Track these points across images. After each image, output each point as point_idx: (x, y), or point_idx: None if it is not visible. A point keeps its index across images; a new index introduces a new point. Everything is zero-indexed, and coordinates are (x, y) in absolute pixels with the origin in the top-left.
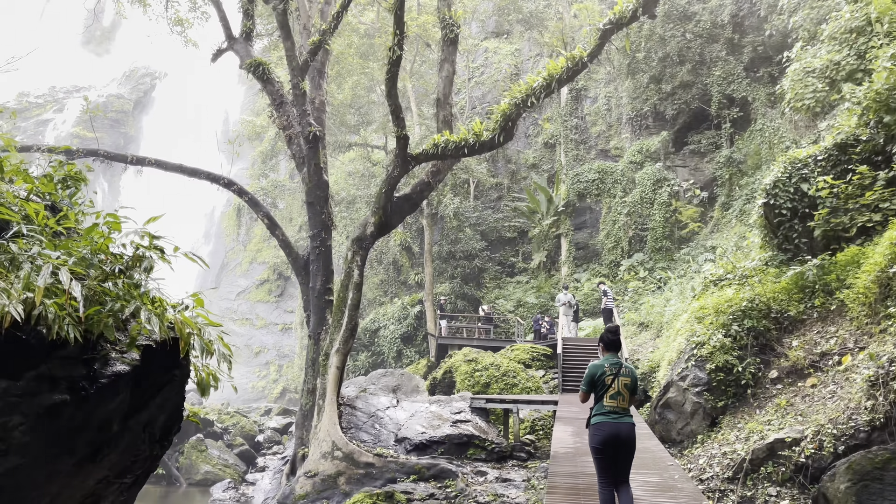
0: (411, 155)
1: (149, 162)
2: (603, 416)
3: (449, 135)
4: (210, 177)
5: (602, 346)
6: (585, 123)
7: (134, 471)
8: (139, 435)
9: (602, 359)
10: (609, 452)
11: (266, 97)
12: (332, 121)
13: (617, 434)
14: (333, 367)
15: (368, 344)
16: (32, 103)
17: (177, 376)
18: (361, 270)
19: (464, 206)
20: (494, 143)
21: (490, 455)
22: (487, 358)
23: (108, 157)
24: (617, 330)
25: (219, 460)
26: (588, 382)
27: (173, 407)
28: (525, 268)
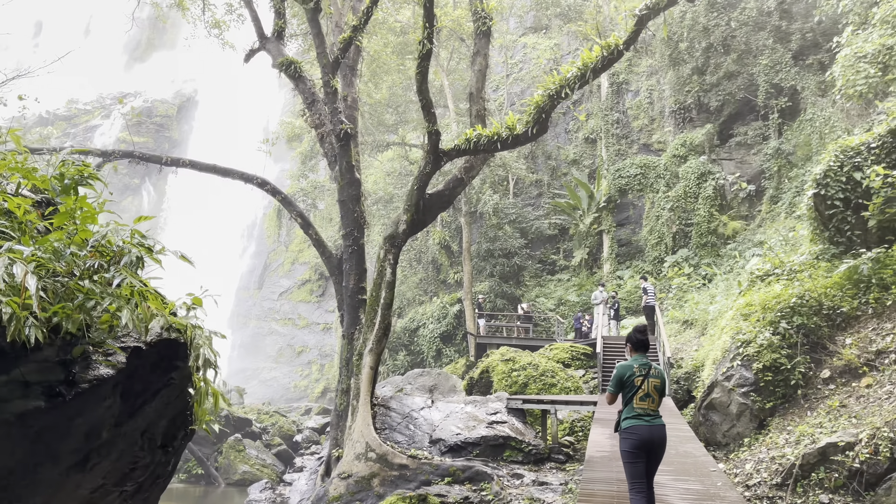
0: (443, 151)
1: (183, 163)
2: (635, 420)
3: (481, 129)
4: (243, 176)
5: (630, 347)
6: (627, 118)
7: (135, 478)
8: (136, 441)
9: (630, 359)
10: (643, 457)
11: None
12: (370, 120)
13: (651, 438)
14: (367, 366)
15: (408, 343)
16: (81, 110)
17: (174, 380)
18: (394, 269)
19: (503, 203)
20: (528, 136)
21: (527, 457)
22: (525, 357)
23: (143, 159)
24: (645, 329)
25: (257, 460)
26: (616, 384)
27: (176, 412)
28: (566, 265)
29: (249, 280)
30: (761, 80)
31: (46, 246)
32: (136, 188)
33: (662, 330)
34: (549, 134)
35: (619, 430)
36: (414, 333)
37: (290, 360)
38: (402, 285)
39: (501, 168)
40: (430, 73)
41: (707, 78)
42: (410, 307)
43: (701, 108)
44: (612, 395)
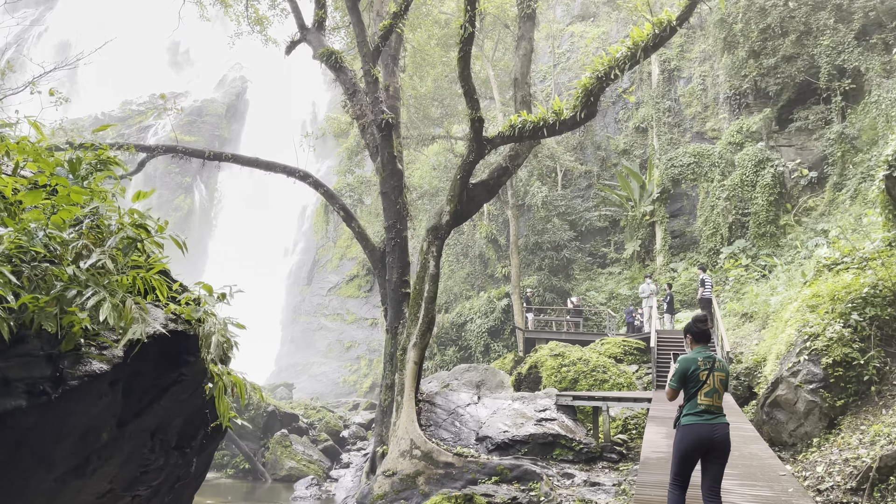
0: (486, 138)
1: (225, 157)
2: (696, 417)
3: (526, 115)
4: (286, 170)
5: (690, 339)
6: (679, 105)
7: (148, 482)
8: (145, 443)
9: (692, 352)
10: (697, 457)
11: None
12: (416, 114)
13: (711, 437)
14: (411, 361)
15: (456, 338)
16: (135, 111)
17: (186, 376)
18: (437, 261)
19: (551, 195)
20: (576, 120)
21: (578, 456)
22: (575, 352)
23: (185, 153)
24: (706, 319)
25: (303, 456)
26: (679, 378)
27: (192, 410)
28: (617, 258)
29: (299, 276)
30: (822, 61)
31: (20, 226)
32: (188, 186)
33: (720, 323)
34: (598, 124)
35: (678, 426)
36: (462, 328)
37: (340, 356)
38: (449, 280)
39: (549, 159)
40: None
41: (764, 61)
42: (458, 302)
43: (758, 92)
44: (673, 390)
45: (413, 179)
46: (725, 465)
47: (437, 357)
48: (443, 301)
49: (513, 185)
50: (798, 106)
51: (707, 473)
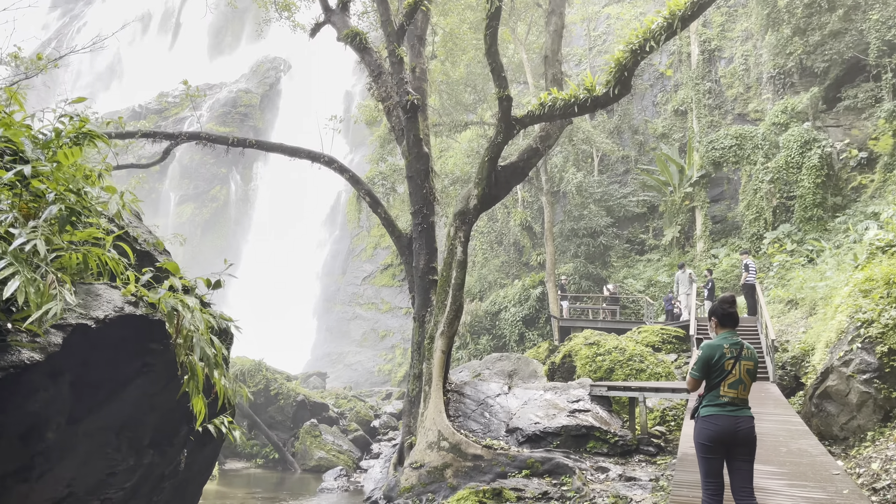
0: (515, 118)
1: (249, 143)
2: (717, 408)
3: (557, 92)
4: (311, 155)
5: (715, 322)
6: (720, 86)
7: (118, 483)
8: (109, 441)
9: (718, 337)
10: (721, 452)
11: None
12: (448, 100)
13: (734, 431)
14: (438, 350)
15: (489, 327)
16: (171, 103)
17: (153, 366)
18: (465, 247)
19: (587, 181)
20: (609, 97)
21: (612, 449)
22: (611, 341)
23: (210, 140)
24: (733, 301)
25: (333, 446)
26: (702, 367)
27: (169, 405)
28: (656, 244)
29: (333, 265)
30: (872, 37)
31: None
32: (223, 177)
33: (765, 310)
34: (635, 107)
35: (696, 418)
36: (496, 317)
37: (374, 344)
38: (483, 268)
39: (585, 144)
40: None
41: (810, 38)
42: (492, 290)
43: (803, 71)
44: (695, 380)
45: (447, 166)
46: (753, 462)
47: (471, 346)
48: (476, 290)
49: (547, 171)
50: (846, 84)
51: (735, 473)
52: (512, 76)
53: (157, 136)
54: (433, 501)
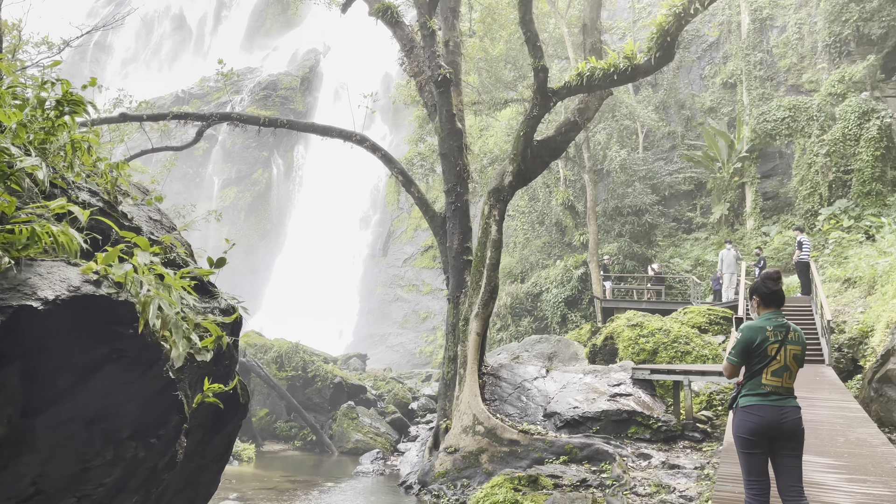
0: (552, 90)
1: (280, 123)
2: (759, 398)
3: (595, 61)
4: (342, 134)
5: (757, 301)
6: (772, 57)
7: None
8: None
9: (760, 318)
10: (764, 447)
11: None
12: (488, 78)
13: (778, 422)
14: (473, 332)
15: (531, 309)
16: (212, 87)
17: (125, 352)
18: (500, 226)
19: (632, 158)
20: (651, 65)
21: (655, 435)
22: (655, 322)
23: (240, 121)
24: (778, 277)
25: (370, 429)
26: (742, 352)
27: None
28: (704, 223)
29: (375, 248)
30: None
31: None
32: (265, 161)
33: (820, 289)
34: (682, 81)
35: (735, 409)
36: (537, 298)
37: (416, 326)
38: (525, 249)
39: (629, 119)
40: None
41: (866, 4)
42: (533, 271)
43: (861, 38)
44: (733, 366)
45: (487, 145)
46: (801, 457)
47: (512, 328)
48: (518, 271)
49: (590, 149)
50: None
51: (781, 471)
52: (553, 51)
53: (188, 118)
54: (468, 487)
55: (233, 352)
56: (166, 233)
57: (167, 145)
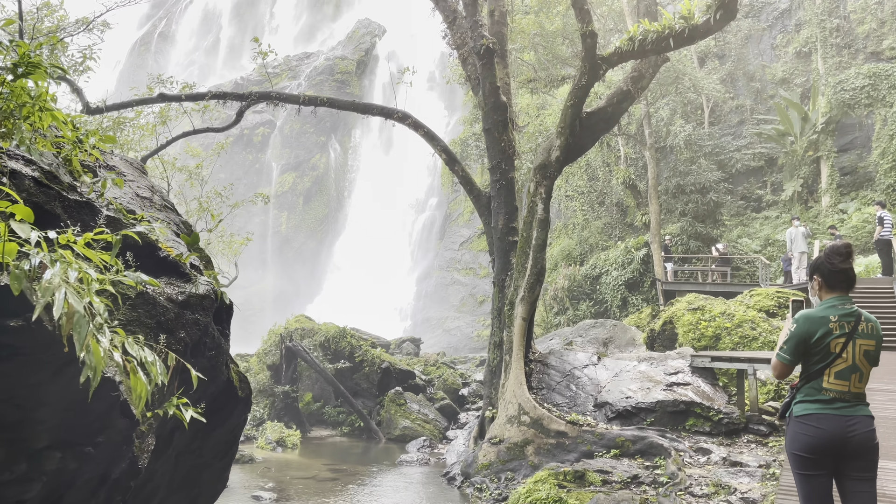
0: (601, 57)
1: (321, 101)
2: (820, 405)
3: (648, 23)
4: (383, 111)
5: (819, 282)
6: (849, 23)
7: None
8: None
9: (821, 305)
10: (826, 467)
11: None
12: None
13: (844, 437)
14: (519, 317)
15: (590, 292)
16: (271, 73)
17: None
18: (547, 204)
19: (697, 133)
20: (710, 25)
21: (716, 427)
22: (717, 305)
23: (280, 99)
24: (848, 253)
25: (418, 415)
26: (796, 347)
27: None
28: (774, 200)
29: (431, 231)
30: None
31: None
32: (322, 145)
33: None
34: (751, 51)
35: (789, 418)
36: (596, 281)
37: (473, 310)
38: (584, 231)
39: (693, 92)
40: None
41: None
42: (593, 253)
43: None
44: (784, 365)
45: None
46: (874, 480)
47: (570, 312)
48: (577, 253)
49: (651, 125)
50: None
51: (849, 497)
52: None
53: (227, 98)
54: (512, 480)
55: (220, 341)
56: (157, 211)
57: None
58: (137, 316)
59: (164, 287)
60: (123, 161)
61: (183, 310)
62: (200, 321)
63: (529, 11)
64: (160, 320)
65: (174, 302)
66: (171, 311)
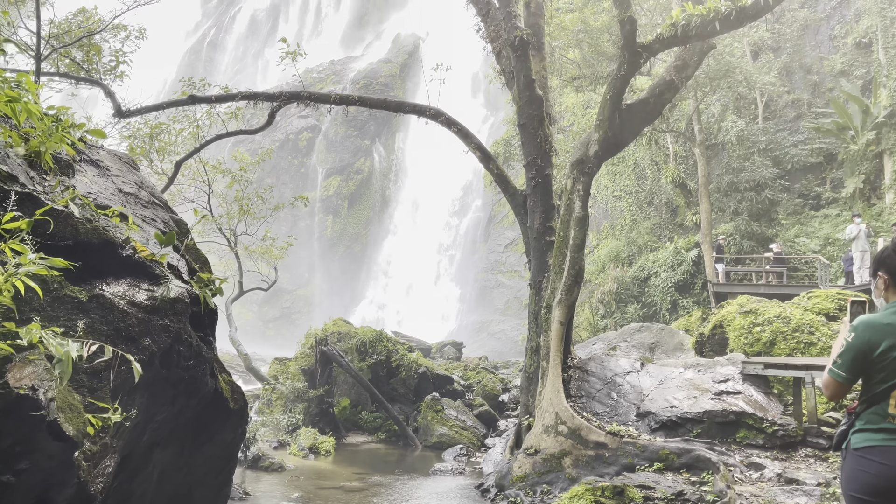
0: (641, 44)
1: (352, 100)
2: (885, 436)
3: (692, 7)
4: (416, 109)
5: (884, 281)
6: None
7: None
8: None
9: (886, 309)
10: None
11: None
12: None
13: None
14: (556, 321)
15: (638, 294)
16: (316, 78)
17: None
18: (585, 202)
19: (750, 129)
20: (759, 6)
21: (770, 440)
22: (772, 308)
23: (310, 99)
24: None
25: (455, 422)
26: (853, 363)
27: None
28: (834, 198)
29: (475, 233)
30: None
31: None
32: (367, 149)
33: None
34: (808, 43)
35: (845, 451)
36: (644, 283)
37: (518, 313)
38: (632, 231)
39: (745, 86)
40: None
41: None
42: (641, 254)
43: None
44: (841, 384)
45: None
46: None
47: (617, 315)
48: (625, 255)
49: (700, 121)
50: None
51: None
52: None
53: (257, 98)
54: (548, 494)
55: (200, 349)
56: (142, 207)
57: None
58: (90, 322)
59: (127, 289)
60: (111, 155)
61: (149, 315)
62: (171, 327)
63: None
64: (118, 327)
65: (138, 306)
66: (132, 317)
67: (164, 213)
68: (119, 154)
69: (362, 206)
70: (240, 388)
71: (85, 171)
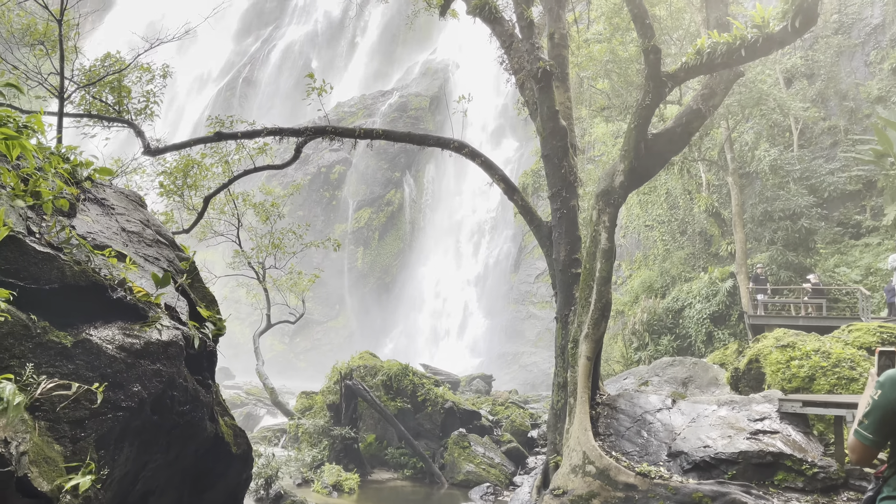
0: (666, 73)
1: (376, 133)
2: None
3: (717, 35)
4: (439, 142)
5: None
6: None
7: None
8: None
9: None
10: None
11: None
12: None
13: None
14: (583, 356)
15: (671, 326)
16: (347, 112)
17: None
18: (611, 233)
19: (784, 157)
20: (787, 33)
21: (810, 483)
22: (810, 342)
23: (335, 133)
24: None
25: (483, 459)
26: (881, 423)
27: None
28: (875, 226)
29: (506, 264)
30: None
31: None
32: (398, 181)
33: None
34: (843, 69)
35: None
36: (678, 315)
37: (550, 345)
38: (665, 262)
39: (778, 113)
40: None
41: None
42: (675, 285)
43: None
44: (867, 447)
45: None
46: None
47: (650, 347)
48: (658, 285)
49: (733, 149)
50: None
51: None
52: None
53: (283, 133)
54: None
55: (197, 393)
56: (146, 246)
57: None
58: (75, 368)
59: (116, 333)
60: (117, 194)
61: (138, 359)
62: (163, 372)
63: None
64: (105, 372)
65: (127, 350)
66: (120, 362)
67: (168, 251)
68: (126, 192)
69: (393, 237)
70: (243, 431)
71: (88, 211)
